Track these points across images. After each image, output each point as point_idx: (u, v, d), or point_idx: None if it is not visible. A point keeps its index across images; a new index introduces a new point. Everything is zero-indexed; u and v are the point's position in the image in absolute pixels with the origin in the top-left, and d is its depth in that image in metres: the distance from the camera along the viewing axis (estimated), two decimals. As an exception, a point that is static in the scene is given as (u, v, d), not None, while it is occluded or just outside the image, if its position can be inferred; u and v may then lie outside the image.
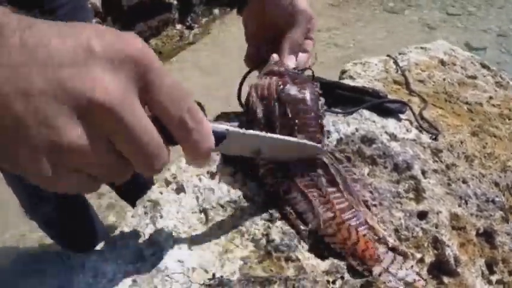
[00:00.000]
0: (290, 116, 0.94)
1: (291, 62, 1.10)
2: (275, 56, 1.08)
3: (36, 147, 0.52)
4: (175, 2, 5.83)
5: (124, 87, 0.55)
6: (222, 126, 0.72)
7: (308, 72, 1.14)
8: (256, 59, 1.20)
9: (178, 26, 5.87)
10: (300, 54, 1.14)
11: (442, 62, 1.64)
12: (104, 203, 3.33)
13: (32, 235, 3.03)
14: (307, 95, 0.97)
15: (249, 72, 1.20)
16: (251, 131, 0.79)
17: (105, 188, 3.08)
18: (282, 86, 0.97)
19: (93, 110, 0.53)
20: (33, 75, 0.51)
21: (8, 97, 0.50)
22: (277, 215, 0.91)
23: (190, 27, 6.15)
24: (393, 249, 0.90)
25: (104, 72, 0.54)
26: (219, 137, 0.71)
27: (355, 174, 1.01)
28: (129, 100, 0.55)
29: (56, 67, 0.52)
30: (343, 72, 1.52)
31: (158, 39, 5.59)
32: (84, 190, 0.64)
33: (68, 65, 0.52)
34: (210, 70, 5.02)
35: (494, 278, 0.99)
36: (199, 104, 0.73)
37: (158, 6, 5.51)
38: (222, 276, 0.78)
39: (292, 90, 0.97)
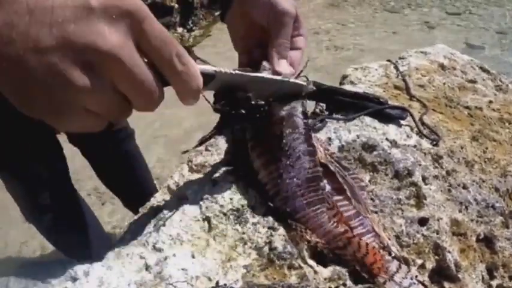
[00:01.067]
0: (271, 140, 0.97)
1: (282, 67, 1.06)
2: (265, 64, 1.06)
3: (52, 93, 0.61)
4: (176, 6, 5.84)
5: (122, 37, 0.62)
6: (211, 68, 0.80)
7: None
8: (248, 65, 1.16)
9: (180, 29, 5.88)
10: (293, 52, 1.12)
11: (442, 66, 1.65)
12: (107, 210, 3.33)
13: (34, 242, 3.03)
14: (293, 111, 0.98)
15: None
16: (237, 71, 0.85)
17: (108, 195, 3.08)
18: (266, 107, 0.97)
19: (98, 57, 0.61)
20: (42, 34, 0.58)
21: (23, 55, 0.57)
22: (277, 224, 0.91)
23: (191, 30, 6.16)
24: (397, 258, 0.90)
25: (104, 25, 0.61)
26: (208, 77, 0.79)
27: (362, 181, 1.02)
28: (127, 47, 0.63)
29: (61, 25, 0.58)
30: (344, 77, 1.52)
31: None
32: (92, 128, 0.70)
33: (71, 22, 0.59)
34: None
35: (494, 283, 1.00)
36: (188, 49, 0.77)
37: (159, 10, 5.51)
38: (225, 285, 0.79)
39: (277, 109, 0.98)
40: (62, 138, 2.11)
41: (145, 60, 0.67)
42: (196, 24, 6.24)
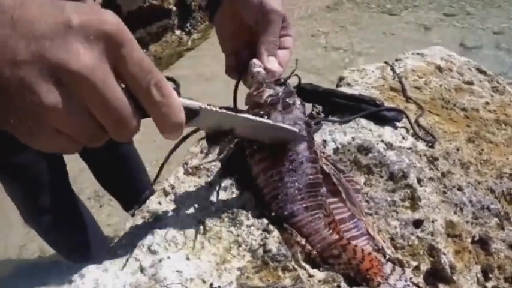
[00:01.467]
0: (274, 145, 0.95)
1: (272, 64, 1.08)
2: (255, 61, 1.07)
3: (22, 108, 0.60)
4: (174, 8, 5.84)
5: (97, 59, 0.61)
6: (195, 103, 0.77)
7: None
8: (237, 69, 1.18)
9: (178, 32, 5.89)
10: (281, 52, 1.12)
11: (439, 68, 1.65)
12: (105, 211, 3.33)
13: (33, 244, 3.03)
14: (296, 119, 0.97)
15: (237, 84, 1.17)
16: (224, 110, 0.82)
17: (106, 197, 3.08)
18: (270, 114, 0.97)
19: (69, 77, 0.60)
20: (19, 46, 0.57)
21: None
22: (272, 226, 0.91)
23: (189, 33, 6.16)
24: (391, 260, 0.91)
25: (80, 44, 0.60)
26: (192, 112, 0.76)
27: (357, 184, 1.02)
28: (101, 70, 0.61)
29: (38, 39, 0.58)
30: (341, 79, 1.53)
31: (158, 45, 5.60)
32: (64, 150, 0.69)
33: (48, 38, 0.58)
34: (208, 76, 5.03)
35: (489, 284, 1.00)
36: (173, 80, 0.78)
37: (158, 12, 5.51)
38: (219, 286, 0.79)
39: (279, 118, 0.96)
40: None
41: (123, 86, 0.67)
42: (195, 26, 6.25)
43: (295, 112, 0.98)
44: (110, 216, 3.29)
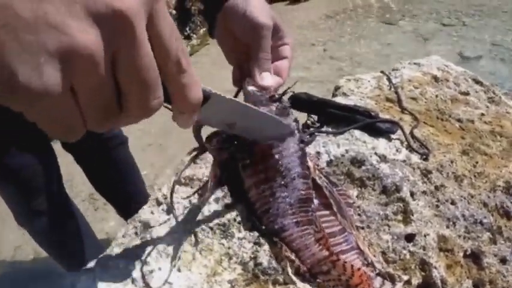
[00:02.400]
0: (266, 163, 0.96)
1: (266, 81, 1.06)
2: (248, 80, 1.06)
3: (46, 52, 0.48)
4: (173, 12, 5.84)
5: (140, 2, 0.52)
6: (206, 87, 0.73)
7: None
8: (240, 80, 1.15)
9: (176, 36, 5.89)
10: (279, 62, 1.12)
11: (436, 78, 1.65)
12: (100, 215, 3.33)
13: (28, 246, 3.03)
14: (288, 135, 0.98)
15: (235, 96, 1.17)
16: (231, 97, 0.80)
17: (101, 200, 3.08)
18: None
19: (110, 17, 0.50)
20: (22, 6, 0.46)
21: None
22: (263, 239, 0.91)
23: (188, 37, 6.16)
24: (381, 275, 0.91)
25: (88, 19, 0.49)
26: (204, 96, 0.70)
27: (349, 198, 1.02)
28: (142, 16, 0.53)
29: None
30: (337, 88, 1.52)
31: (157, 50, 5.60)
32: (66, 127, 0.56)
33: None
34: (207, 82, 5.01)
35: (481, 299, 1.01)
36: None
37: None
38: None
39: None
40: (56, 145, 2.12)
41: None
42: (194, 31, 6.24)
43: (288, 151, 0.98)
44: (104, 220, 3.29)
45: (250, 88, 1.03)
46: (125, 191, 2.57)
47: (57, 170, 2.03)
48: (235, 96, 1.15)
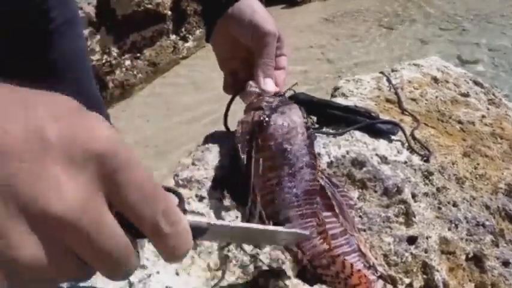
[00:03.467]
0: (274, 149, 0.95)
1: (269, 86, 1.10)
2: (251, 83, 1.09)
3: None
4: (169, 13, 5.84)
5: (87, 193, 0.45)
6: (203, 221, 0.65)
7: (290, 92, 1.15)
8: (234, 86, 1.20)
9: (173, 37, 5.89)
10: (276, 72, 1.15)
11: (435, 79, 1.64)
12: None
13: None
14: (296, 122, 0.98)
15: (232, 100, 1.18)
16: (236, 222, 0.79)
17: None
18: (267, 119, 0.97)
19: (48, 222, 0.43)
20: None
21: None
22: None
23: (184, 38, 6.16)
24: (383, 278, 0.90)
25: (62, 173, 0.44)
26: (200, 230, 0.64)
27: (351, 200, 1.01)
28: (92, 208, 0.46)
29: (2, 160, 0.41)
30: (336, 89, 1.52)
31: (152, 50, 5.60)
32: None
33: (16, 159, 0.42)
34: (203, 85, 5.03)
35: (483, 303, 1.00)
36: (175, 192, 0.69)
37: (152, 17, 5.52)
38: (208, 304, 0.78)
39: (279, 120, 0.97)
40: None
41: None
42: (190, 31, 6.25)
43: (293, 116, 0.99)
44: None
45: (253, 89, 1.05)
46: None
47: None
48: (231, 100, 1.16)
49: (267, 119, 0.97)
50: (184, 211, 0.59)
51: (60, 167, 0.43)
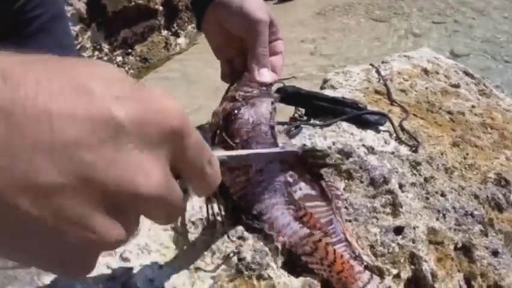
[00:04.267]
0: (241, 147, 0.95)
1: (265, 77, 1.07)
2: (247, 75, 1.07)
3: (70, 251, 0.42)
4: (161, 8, 5.83)
5: (165, 167, 0.47)
6: (224, 155, 0.74)
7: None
8: (231, 74, 1.17)
9: (164, 32, 5.88)
10: (273, 58, 1.12)
11: (425, 71, 1.64)
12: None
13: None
14: (261, 117, 0.97)
15: (228, 89, 1.17)
16: (244, 151, 0.86)
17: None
18: (235, 111, 0.97)
19: (135, 203, 0.44)
20: (39, 163, 0.38)
21: (8, 195, 0.38)
22: (246, 233, 0.90)
23: (176, 34, 6.15)
24: (369, 268, 0.89)
25: (140, 153, 0.43)
26: (222, 163, 0.68)
27: (337, 190, 1.00)
28: (170, 180, 0.48)
29: (71, 150, 0.39)
30: (325, 81, 1.51)
31: (143, 46, 5.59)
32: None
33: (90, 147, 0.40)
34: (195, 79, 5.03)
35: (473, 292, 0.99)
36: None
37: (144, 12, 5.51)
38: (191, 295, 0.78)
39: (246, 114, 0.97)
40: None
41: None
42: (182, 27, 6.24)
43: (260, 110, 0.98)
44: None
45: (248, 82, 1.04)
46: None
47: None
48: (228, 90, 1.15)
49: (235, 111, 0.97)
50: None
51: (137, 148, 0.43)
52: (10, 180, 0.37)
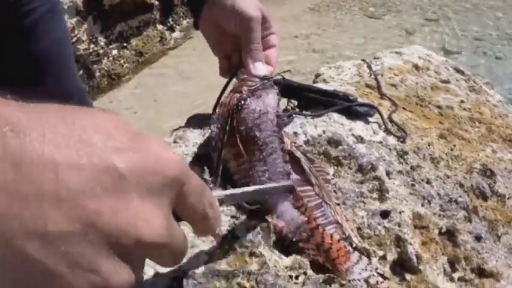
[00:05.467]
0: (244, 135, 0.99)
1: (260, 70, 1.10)
2: (243, 70, 1.11)
3: None
4: (156, 3, 5.82)
5: (167, 213, 0.50)
6: (221, 194, 0.74)
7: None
8: (229, 70, 1.21)
9: (159, 27, 5.87)
10: (268, 51, 1.16)
11: (416, 67, 1.67)
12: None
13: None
14: (268, 107, 1.01)
15: (227, 84, 1.20)
16: (241, 189, 0.85)
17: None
18: (242, 102, 1.01)
19: (139, 248, 0.46)
20: (47, 210, 0.41)
21: (18, 240, 0.40)
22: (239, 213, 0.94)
23: (171, 28, 6.14)
24: (358, 249, 0.92)
25: (143, 202, 0.46)
26: (220, 203, 0.70)
27: (327, 174, 1.04)
28: (172, 225, 0.51)
29: (77, 198, 0.42)
30: (317, 75, 1.54)
31: (139, 40, 5.57)
32: None
33: (92, 195, 0.43)
34: (190, 75, 5.02)
35: (456, 275, 1.02)
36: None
37: (139, 6, 5.49)
38: (186, 269, 0.81)
39: (253, 104, 1.01)
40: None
41: None
42: (177, 21, 6.23)
43: (267, 100, 1.02)
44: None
45: (244, 76, 1.09)
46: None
47: None
48: (227, 84, 1.18)
49: (242, 102, 1.01)
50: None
51: (138, 197, 0.46)
52: (20, 226, 0.40)
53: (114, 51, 5.24)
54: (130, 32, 5.45)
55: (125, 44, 5.39)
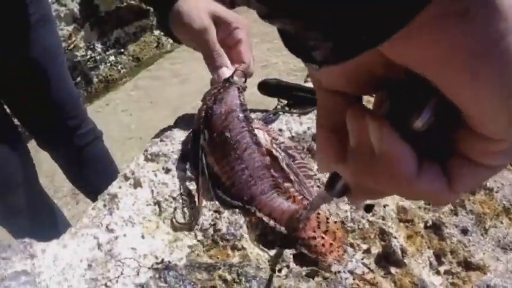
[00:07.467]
0: (217, 140, 1.01)
1: (226, 74, 1.10)
2: (211, 81, 1.12)
3: None
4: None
5: None
6: None
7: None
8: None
9: (156, 32, 5.87)
10: (238, 46, 1.16)
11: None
12: (81, 208, 3.32)
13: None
14: (232, 106, 1.03)
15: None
16: None
17: (82, 195, 3.07)
18: (210, 111, 1.03)
19: None
20: None
21: None
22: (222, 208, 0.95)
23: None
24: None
25: None
26: None
27: (310, 170, 1.05)
28: None
29: None
30: (308, 75, 1.55)
31: (136, 45, 5.58)
32: None
33: None
34: (186, 78, 5.02)
35: (442, 268, 1.02)
36: None
37: (136, 13, 5.50)
38: (169, 262, 0.82)
39: (217, 109, 1.03)
40: (31, 144, 2.12)
41: None
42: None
43: (229, 100, 1.03)
44: (85, 213, 3.29)
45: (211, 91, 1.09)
46: (101, 186, 2.52)
47: (31, 165, 2.01)
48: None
49: (209, 112, 1.03)
50: None
51: None
52: None
53: (111, 58, 5.25)
54: (127, 38, 5.46)
55: (122, 50, 5.40)
